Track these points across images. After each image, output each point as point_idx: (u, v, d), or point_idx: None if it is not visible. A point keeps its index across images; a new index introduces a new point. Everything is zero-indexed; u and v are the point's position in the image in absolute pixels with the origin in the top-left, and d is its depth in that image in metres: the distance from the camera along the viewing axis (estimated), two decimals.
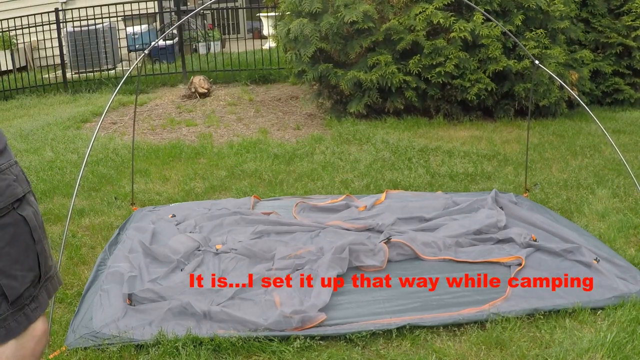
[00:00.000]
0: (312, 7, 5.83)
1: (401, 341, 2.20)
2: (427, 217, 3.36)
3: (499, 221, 3.18)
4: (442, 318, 2.30)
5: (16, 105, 7.88)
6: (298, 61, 6.07)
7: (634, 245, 3.06)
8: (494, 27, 5.68)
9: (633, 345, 2.12)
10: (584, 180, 4.12)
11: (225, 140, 5.53)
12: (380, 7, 5.95)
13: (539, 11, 5.99)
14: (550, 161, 4.65)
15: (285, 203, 3.69)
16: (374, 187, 4.07)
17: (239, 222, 3.30)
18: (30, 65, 10.24)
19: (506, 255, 2.85)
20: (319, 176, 4.32)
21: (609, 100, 6.99)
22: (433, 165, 4.55)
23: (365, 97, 5.93)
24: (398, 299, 2.46)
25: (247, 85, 8.14)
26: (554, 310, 2.36)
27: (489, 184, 4.09)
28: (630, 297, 2.42)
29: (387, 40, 5.89)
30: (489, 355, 2.13)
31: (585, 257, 2.76)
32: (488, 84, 5.79)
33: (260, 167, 4.54)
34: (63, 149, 5.19)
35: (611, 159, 4.63)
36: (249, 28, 11.61)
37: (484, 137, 5.41)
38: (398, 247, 2.87)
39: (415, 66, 5.80)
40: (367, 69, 5.87)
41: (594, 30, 6.86)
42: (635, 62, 6.87)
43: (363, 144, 5.19)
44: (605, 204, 3.64)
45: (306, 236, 3.10)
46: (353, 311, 2.37)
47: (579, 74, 6.38)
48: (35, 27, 8.75)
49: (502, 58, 5.76)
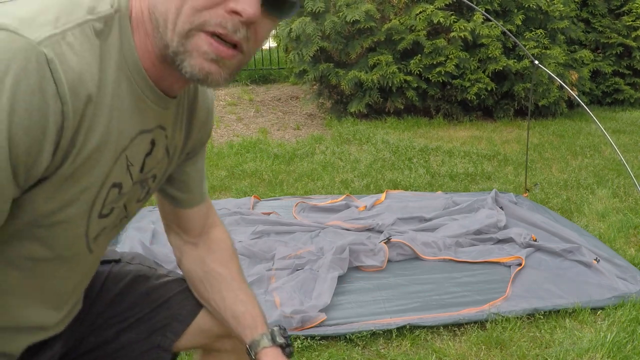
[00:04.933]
0: (315, 7, 5.83)
1: (401, 341, 2.20)
2: (427, 217, 3.36)
3: (499, 221, 3.18)
4: (442, 318, 2.30)
5: None
6: (299, 61, 6.07)
7: (634, 245, 3.06)
8: (494, 27, 5.69)
9: (633, 345, 2.13)
10: (584, 180, 4.12)
11: (225, 140, 5.53)
12: (382, 7, 5.95)
13: (539, 11, 6.00)
14: (550, 161, 4.66)
15: (285, 203, 3.69)
16: (374, 187, 4.08)
17: (238, 222, 3.30)
18: None
19: (506, 255, 2.85)
20: (319, 176, 4.32)
21: (609, 100, 7.00)
22: (433, 165, 4.55)
23: (366, 97, 5.93)
24: (398, 299, 2.46)
25: (247, 85, 8.14)
26: (554, 310, 2.36)
27: (489, 184, 4.09)
28: (630, 297, 2.42)
29: (388, 40, 5.89)
30: (489, 355, 2.13)
31: (585, 257, 2.76)
32: (488, 84, 5.79)
33: (260, 167, 4.54)
34: None
35: (611, 159, 4.63)
36: None
37: (484, 137, 5.42)
38: (398, 247, 2.87)
39: (416, 66, 5.80)
40: (368, 69, 5.88)
41: (594, 30, 6.87)
42: (635, 62, 6.87)
43: (363, 144, 5.20)
44: (605, 204, 3.65)
45: (306, 236, 3.10)
46: (353, 311, 2.37)
47: (579, 74, 6.38)
48: None
49: (502, 58, 5.77)
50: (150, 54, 0.82)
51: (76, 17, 0.74)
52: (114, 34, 0.79)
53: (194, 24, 0.76)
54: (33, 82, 0.67)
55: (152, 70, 0.83)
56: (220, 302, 1.13)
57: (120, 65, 0.80)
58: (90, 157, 0.78)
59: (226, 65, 0.80)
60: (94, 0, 0.78)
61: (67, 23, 0.73)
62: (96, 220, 0.87)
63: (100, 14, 0.77)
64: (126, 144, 0.84)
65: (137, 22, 0.81)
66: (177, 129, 0.99)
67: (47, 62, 0.68)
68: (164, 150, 0.97)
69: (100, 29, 0.77)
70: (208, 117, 1.09)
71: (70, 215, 0.82)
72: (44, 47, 0.68)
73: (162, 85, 0.87)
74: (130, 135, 0.85)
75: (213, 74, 0.79)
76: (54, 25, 0.71)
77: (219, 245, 1.21)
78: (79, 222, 0.85)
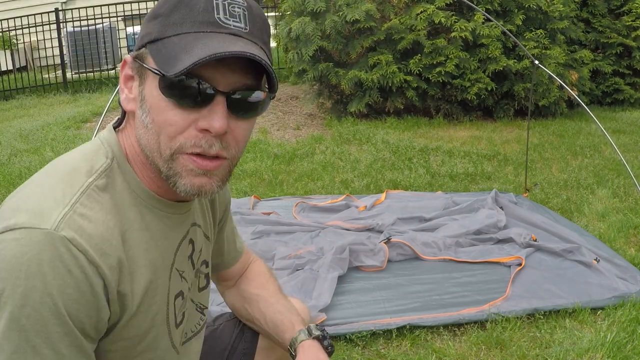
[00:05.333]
0: (315, 6, 5.83)
1: (401, 341, 2.20)
2: (427, 217, 3.36)
3: (499, 221, 3.18)
4: (442, 318, 2.30)
5: (16, 105, 7.88)
6: (299, 60, 6.07)
7: (634, 245, 3.06)
8: (495, 27, 5.69)
9: (633, 345, 2.13)
10: (584, 180, 4.12)
11: None
12: (382, 7, 5.95)
13: (539, 11, 6.00)
14: (550, 161, 4.66)
15: (285, 203, 3.69)
16: (374, 187, 4.07)
17: (239, 222, 3.30)
18: (30, 65, 10.24)
19: (506, 255, 2.85)
20: (319, 176, 4.32)
21: (609, 100, 6.99)
22: (433, 165, 4.55)
23: (366, 97, 5.93)
24: (398, 299, 2.46)
25: None
26: (554, 310, 2.36)
27: (489, 184, 4.09)
28: (630, 297, 2.42)
29: (388, 39, 5.89)
30: (489, 355, 2.13)
31: (585, 257, 2.76)
32: (488, 84, 5.79)
33: (260, 167, 4.54)
34: (63, 149, 5.19)
35: (611, 159, 4.63)
36: None
37: (484, 137, 5.42)
38: (398, 247, 2.87)
39: (416, 66, 5.80)
40: (368, 69, 5.88)
41: (594, 30, 6.87)
42: (635, 62, 6.87)
43: (363, 143, 5.19)
44: (605, 204, 3.64)
45: (306, 236, 3.10)
46: (353, 311, 2.37)
47: (579, 74, 6.38)
48: (35, 27, 8.76)
49: (502, 58, 5.77)
50: (154, 178, 0.89)
51: (79, 186, 0.81)
52: (118, 180, 0.86)
53: (173, 149, 0.82)
54: (67, 263, 0.75)
55: (162, 191, 0.90)
56: (261, 318, 1.21)
57: (135, 201, 0.87)
58: (147, 290, 0.87)
59: (215, 174, 0.85)
60: (89, 159, 0.85)
61: (73, 195, 0.80)
62: (175, 330, 0.97)
63: (99, 170, 0.85)
64: (172, 259, 0.93)
65: (134, 158, 0.89)
66: (205, 215, 1.07)
67: (70, 242, 0.75)
68: (204, 238, 1.06)
69: (104, 185, 0.84)
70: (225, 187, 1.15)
71: (153, 338, 0.92)
72: (62, 231, 0.75)
73: (176, 198, 0.93)
74: (172, 251, 0.94)
75: (205, 185, 0.85)
76: (62, 203, 0.78)
77: (254, 272, 1.29)
78: (162, 341, 0.94)
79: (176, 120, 0.81)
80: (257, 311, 1.22)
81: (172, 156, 0.83)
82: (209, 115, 0.80)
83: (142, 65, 0.83)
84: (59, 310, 0.74)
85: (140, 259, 0.85)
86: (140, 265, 0.85)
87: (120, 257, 0.81)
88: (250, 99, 0.84)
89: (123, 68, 0.88)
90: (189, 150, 0.82)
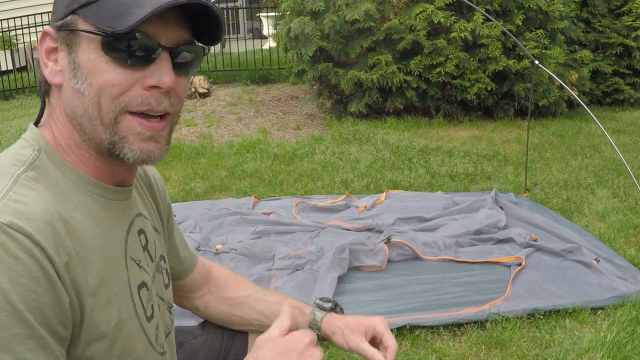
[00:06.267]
0: (315, 6, 5.83)
1: (401, 341, 2.20)
2: (427, 217, 3.36)
3: (499, 221, 3.18)
4: (442, 318, 2.30)
5: (16, 105, 7.88)
6: (299, 60, 6.07)
7: (634, 245, 3.06)
8: (494, 27, 5.69)
9: (633, 345, 2.13)
10: (584, 180, 4.12)
11: (225, 140, 5.53)
12: (381, 7, 5.95)
13: (539, 11, 5.99)
14: (550, 161, 4.66)
15: (285, 203, 3.69)
16: (374, 187, 4.07)
17: (239, 222, 3.30)
18: (30, 65, 10.24)
19: (506, 255, 2.85)
20: (319, 176, 4.32)
21: (609, 100, 6.99)
22: (433, 165, 4.55)
23: (366, 97, 5.93)
24: (398, 299, 2.46)
25: (247, 85, 8.14)
26: (554, 310, 2.36)
27: (489, 184, 4.09)
28: (630, 297, 2.42)
29: (387, 39, 5.89)
30: (489, 355, 2.13)
31: (585, 257, 2.76)
32: (488, 84, 5.79)
33: (260, 167, 4.54)
34: None
35: (611, 159, 4.63)
36: (249, 28, 11.61)
37: (484, 137, 5.42)
38: (398, 247, 2.87)
39: (416, 66, 5.80)
40: (368, 69, 5.88)
41: (594, 30, 6.87)
42: (635, 62, 6.87)
43: (363, 144, 5.20)
44: (605, 204, 3.65)
45: (306, 236, 3.10)
46: (353, 311, 2.37)
47: (579, 74, 6.38)
48: (35, 27, 8.75)
49: (502, 58, 5.77)
50: (90, 161, 0.85)
51: (8, 178, 0.76)
52: (49, 170, 0.81)
53: (117, 110, 0.79)
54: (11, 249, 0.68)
55: (99, 174, 0.86)
56: (262, 317, 1.19)
57: (73, 188, 0.82)
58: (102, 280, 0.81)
59: (162, 137, 0.84)
60: (15, 154, 0.81)
61: (4, 187, 0.74)
62: (148, 325, 0.92)
63: (27, 162, 0.79)
64: (124, 248, 0.88)
65: (63, 144, 0.84)
66: (148, 207, 1.04)
67: (8, 227, 0.69)
68: (153, 230, 1.02)
69: (35, 176, 0.78)
70: (162, 183, 1.14)
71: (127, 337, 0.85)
72: None
73: (115, 181, 0.89)
74: (121, 238, 0.88)
75: (153, 151, 0.83)
76: None
77: (224, 278, 1.27)
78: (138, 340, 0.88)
79: (119, 80, 0.78)
80: (252, 312, 1.20)
81: (116, 118, 0.79)
82: (157, 72, 0.79)
83: (73, 31, 0.79)
84: (15, 307, 0.66)
85: (88, 245, 0.79)
86: (89, 251, 0.79)
87: (65, 242, 0.75)
88: (193, 54, 0.84)
89: (42, 42, 0.83)
90: (134, 108, 0.79)
